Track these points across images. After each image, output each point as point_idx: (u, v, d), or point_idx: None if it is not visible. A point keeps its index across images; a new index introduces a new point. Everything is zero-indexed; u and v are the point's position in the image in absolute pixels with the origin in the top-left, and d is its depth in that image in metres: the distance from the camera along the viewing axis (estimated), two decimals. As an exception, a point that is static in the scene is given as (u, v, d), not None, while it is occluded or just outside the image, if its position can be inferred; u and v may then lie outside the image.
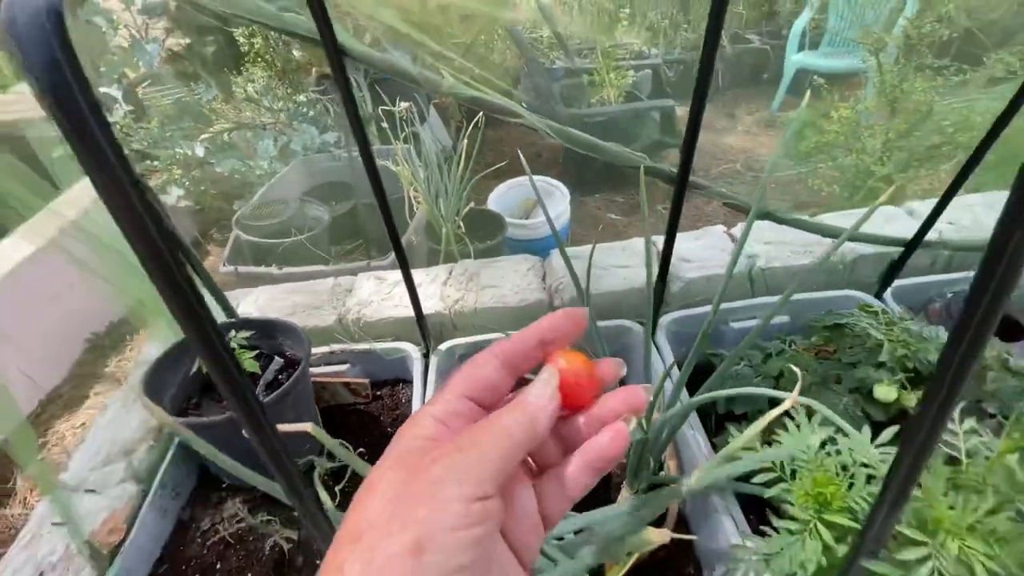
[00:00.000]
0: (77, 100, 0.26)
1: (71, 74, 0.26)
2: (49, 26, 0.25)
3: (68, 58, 0.25)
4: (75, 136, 0.26)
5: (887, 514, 0.46)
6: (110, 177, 0.28)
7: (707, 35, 0.71)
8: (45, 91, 0.25)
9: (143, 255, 0.31)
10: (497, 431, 0.26)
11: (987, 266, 0.33)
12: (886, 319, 0.87)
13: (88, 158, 0.27)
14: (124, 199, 0.29)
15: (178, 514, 1.06)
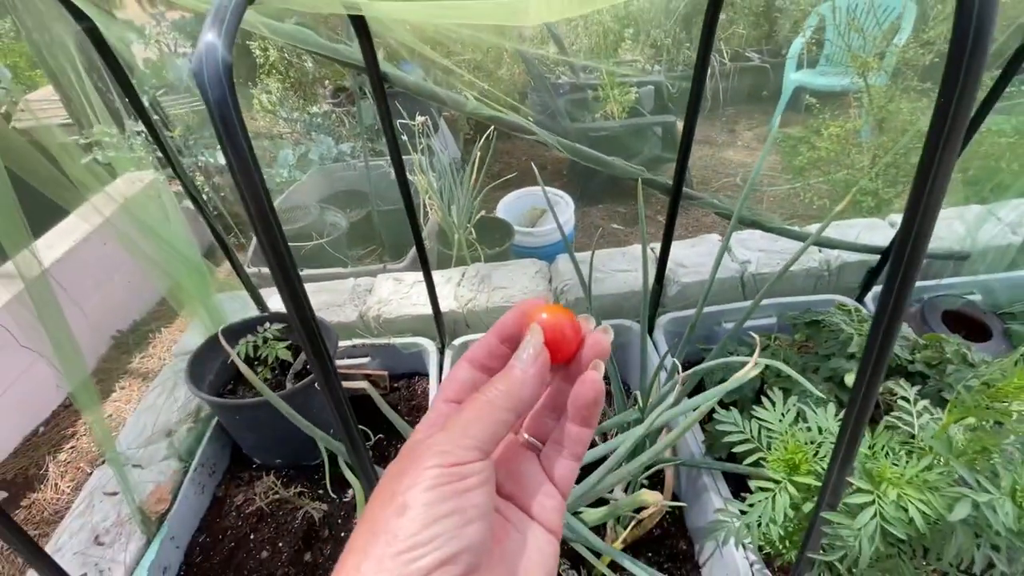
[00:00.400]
0: (235, 120, 0.37)
1: (232, 105, 0.36)
2: (223, 75, 0.36)
3: (232, 97, 0.36)
4: (230, 144, 0.37)
5: (839, 470, 0.55)
6: (249, 175, 0.39)
7: (698, 59, 0.82)
8: (217, 116, 0.36)
9: (261, 230, 0.41)
10: (478, 404, 0.29)
11: (892, 268, 0.43)
12: (858, 316, 0.96)
13: (236, 159, 0.38)
14: (255, 189, 0.39)
15: (214, 491, 1.16)
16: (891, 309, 0.45)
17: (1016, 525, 0.52)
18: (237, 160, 0.37)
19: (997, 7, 0.34)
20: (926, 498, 0.55)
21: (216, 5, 0.38)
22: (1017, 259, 1.37)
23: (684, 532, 1.04)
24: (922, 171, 0.38)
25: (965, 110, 0.36)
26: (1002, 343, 1.15)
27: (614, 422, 0.85)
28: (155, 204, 1.23)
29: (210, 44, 0.36)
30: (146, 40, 2.69)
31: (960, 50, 0.34)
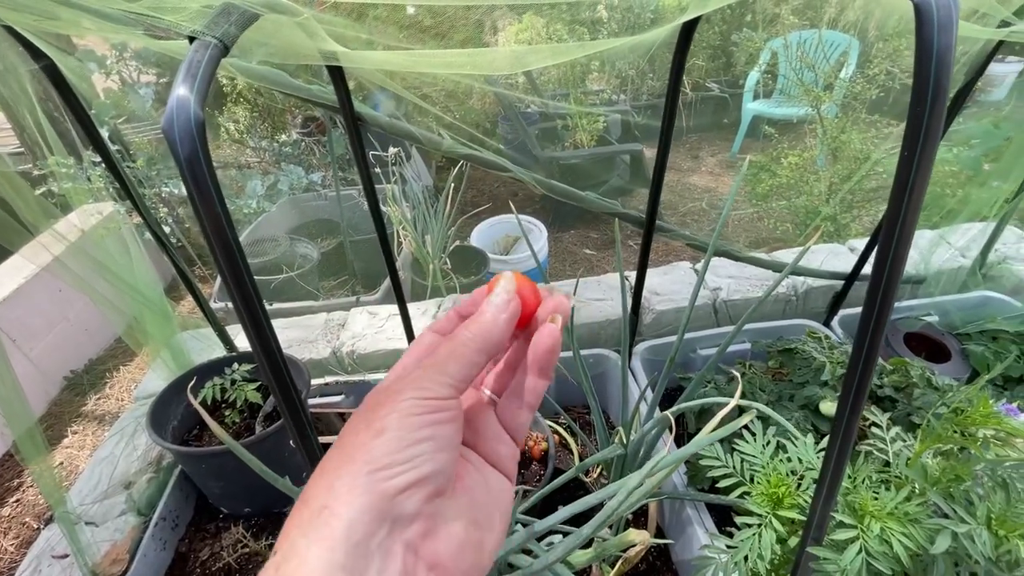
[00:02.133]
0: (206, 177, 0.36)
1: (204, 161, 0.35)
2: (194, 131, 0.34)
3: (203, 153, 0.35)
4: (201, 201, 0.36)
5: (823, 504, 0.56)
6: (218, 225, 0.37)
7: (667, 100, 0.84)
8: (187, 171, 0.35)
9: (228, 276, 0.39)
10: (453, 345, 0.30)
11: (869, 300, 0.44)
12: (828, 343, 0.99)
13: (208, 218, 0.37)
14: (223, 238, 0.38)
15: (176, 546, 1.08)
16: (867, 349, 0.46)
17: (993, 553, 0.54)
18: (209, 218, 0.36)
19: (954, 48, 0.36)
20: (908, 531, 0.55)
21: (188, 58, 0.37)
22: (968, 281, 1.44)
23: (670, 566, 1.03)
24: (893, 205, 0.39)
25: (931, 149, 0.37)
26: (960, 363, 1.20)
27: (597, 458, 0.84)
28: (113, 238, 1.18)
29: (182, 99, 0.35)
30: (107, 70, 2.63)
31: (924, 84, 0.35)
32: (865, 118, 1.94)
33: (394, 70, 0.77)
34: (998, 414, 0.62)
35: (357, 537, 0.23)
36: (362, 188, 0.86)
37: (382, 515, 0.24)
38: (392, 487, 0.25)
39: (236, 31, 0.40)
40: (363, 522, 0.24)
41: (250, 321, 0.41)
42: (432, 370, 0.29)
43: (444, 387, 0.29)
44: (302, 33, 0.58)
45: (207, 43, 0.38)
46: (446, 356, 0.30)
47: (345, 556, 0.23)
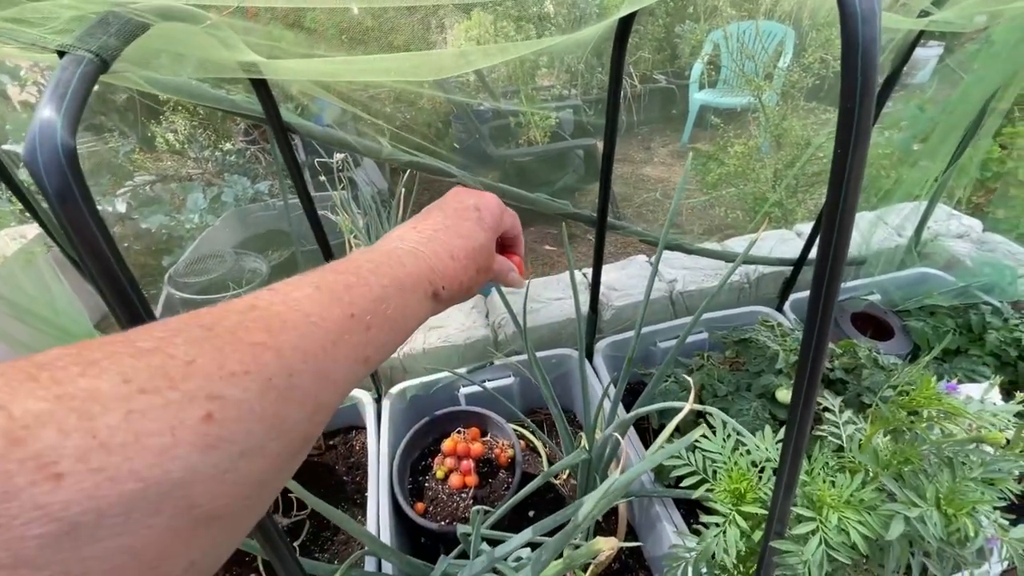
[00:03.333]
0: (85, 215, 0.31)
1: (80, 197, 0.31)
2: (64, 161, 0.30)
3: (80, 187, 0.30)
4: (79, 238, 0.32)
5: (783, 499, 0.56)
6: (106, 268, 0.33)
7: (608, 98, 0.83)
8: (59, 209, 0.30)
9: (125, 322, 0.35)
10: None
11: (816, 284, 0.44)
12: (781, 331, 1.01)
13: (89, 255, 0.32)
14: (116, 285, 0.34)
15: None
16: (815, 343, 0.45)
17: (944, 533, 0.55)
18: (92, 259, 0.31)
19: (879, 40, 0.35)
20: (864, 519, 0.56)
21: (55, 77, 0.32)
22: (905, 259, 1.51)
23: (643, 563, 1.03)
24: (831, 202, 0.39)
25: (863, 145, 0.37)
26: (903, 339, 1.25)
27: (562, 465, 0.82)
28: (29, 271, 1.08)
29: (46, 124, 0.30)
30: (22, 82, 2.43)
31: (852, 77, 0.34)
32: (804, 105, 2.01)
33: (328, 80, 0.72)
34: (940, 394, 0.63)
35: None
36: (300, 203, 0.81)
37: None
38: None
39: (118, 43, 0.35)
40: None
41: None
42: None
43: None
44: (215, 42, 0.53)
45: (80, 58, 0.33)
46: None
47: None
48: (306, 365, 0.25)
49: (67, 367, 0.19)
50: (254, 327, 0.25)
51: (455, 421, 1.17)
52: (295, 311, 0.27)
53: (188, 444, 0.20)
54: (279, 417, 0.23)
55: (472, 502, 1.05)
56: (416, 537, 1.07)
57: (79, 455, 0.17)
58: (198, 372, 0.21)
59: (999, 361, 1.09)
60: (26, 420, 0.17)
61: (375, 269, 0.33)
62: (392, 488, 1.03)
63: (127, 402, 0.19)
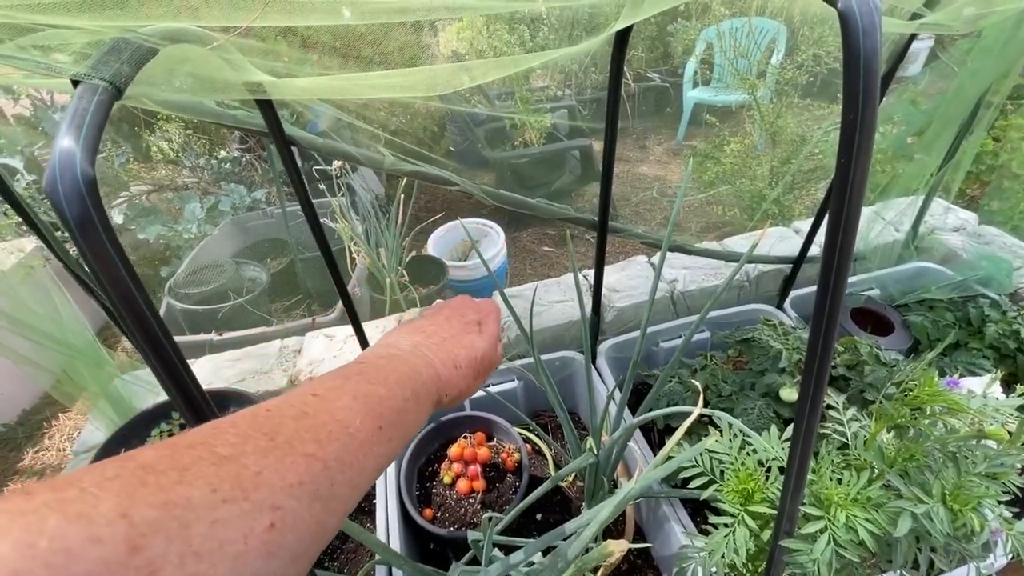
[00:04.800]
0: (105, 244, 0.32)
1: (101, 226, 0.31)
2: (84, 190, 0.30)
3: (100, 216, 0.31)
4: (99, 266, 0.32)
5: (791, 498, 0.57)
6: (125, 291, 0.33)
7: (609, 102, 0.84)
8: (80, 238, 0.31)
9: (146, 346, 0.36)
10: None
11: (823, 280, 0.45)
12: (783, 329, 1.02)
13: (109, 276, 0.33)
14: (135, 309, 0.34)
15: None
16: (821, 350, 0.46)
17: (951, 528, 0.56)
18: (114, 286, 0.32)
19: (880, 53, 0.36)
20: (872, 516, 0.57)
21: (72, 106, 0.33)
22: (903, 253, 1.52)
23: (651, 563, 1.04)
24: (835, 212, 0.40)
25: (866, 155, 0.37)
26: (903, 334, 1.26)
27: (570, 469, 0.83)
28: (29, 285, 1.08)
29: (66, 154, 0.30)
30: (15, 95, 2.42)
31: (854, 89, 0.35)
32: (798, 102, 2.02)
33: (329, 97, 0.73)
34: (942, 391, 0.64)
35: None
36: (302, 210, 0.81)
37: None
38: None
39: (130, 70, 0.36)
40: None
41: (178, 392, 0.38)
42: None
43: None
44: (221, 62, 0.53)
45: (95, 87, 0.33)
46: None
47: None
48: (343, 476, 0.28)
49: (166, 472, 0.21)
50: (307, 437, 0.27)
51: (461, 426, 1.17)
52: (337, 422, 0.29)
53: (255, 552, 0.22)
54: (321, 524, 0.26)
55: (480, 507, 1.06)
56: (425, 543, 1.07)
57: (178, 561, 0.19)
58: (265, 483, 0.24)
59: (998, 354, 1.10)
60: (143, 528, 0.19)
61: (400, 380, 0.36)
62: (400, 494, 1.03)
63: (213, 511, 0.21)
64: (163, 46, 0.40)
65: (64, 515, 0.18)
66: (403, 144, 1.06)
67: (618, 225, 1.02)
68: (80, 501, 0.18)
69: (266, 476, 0.24)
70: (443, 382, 0.41)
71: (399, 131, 3.03)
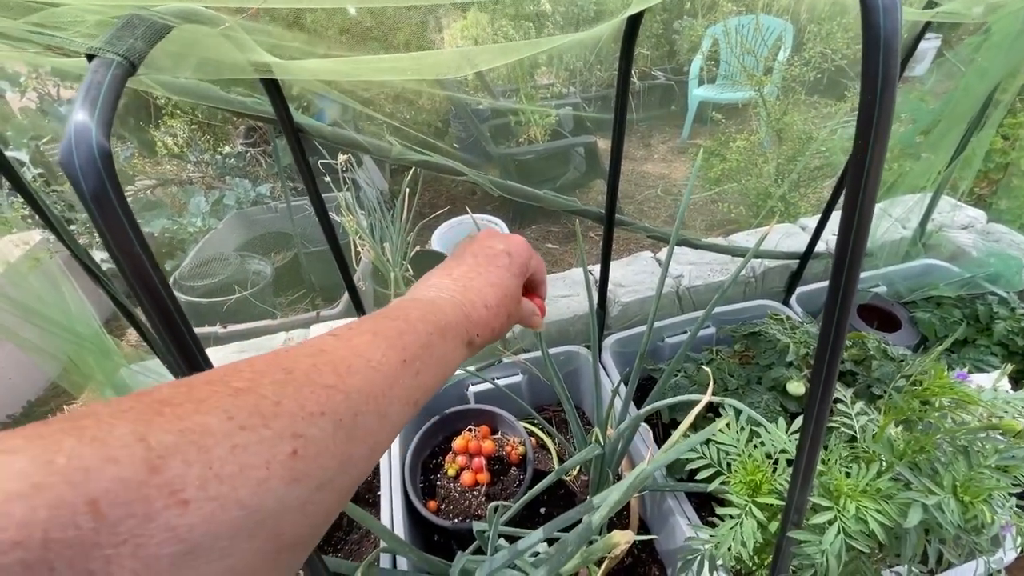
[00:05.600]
0: (120, 217, 0.32)
1: (116, 199, 0.31)
2: (100, 163, 0.30)
3: (115, 189, 0.31)
4: (115, 243, 0.32)
5: (800, 489, 0.56)
6: (138, 266, 0.33)
7: (617, 98, 0.84)
8: (96, 211, 0.31)
9: (158, 320, 0.35)
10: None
11: (835, 275, 0.44)
12: (790, 324, 1.02)
13: (127, 259, 0.33)
14: (149, 285, 0.34)
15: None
16: (833, 337, 0.46)
17: (961, 520, 0.55)
18: (127, 259, 0.32)
19: (900, 32, 0.36)
20: (881, 507, 0.57)
21: (87, 80, 0.33)
22: (910, 251, 1.52)
23: (655, 556, 1.03)
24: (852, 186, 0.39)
25: (884, 137, 0.37)
26: (910, 330, 1.26)
27: (576, 461, 0.83)
28: (38, 274, 1.08)
29: (81, 127, 0.30)
30: (22, 88, 2.43)
31: (872, 69, 0.34)
32: (805, 99, 2.01)
33: (335, 79, 0.72)
34: (953, 384, 0.64)
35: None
36: (311, 202, 0.81)
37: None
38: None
39: (144, 46, 0.36)
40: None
41: (188, 369, 0.38)
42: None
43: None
44: (229, 44, 0.53)
45: (109, 61, 0.33)
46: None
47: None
48: (368, 407, 0.28)
49: (183, 404, 0.21)
50: (326, 370, 0.27)
51: (465, 419, 1.17)
52: (358, 356, 0.29)
53: (279, 477, 0.22)
54: (347, 454, 0.26)
55: (484, 499, 1.06)
56: (429, 535, 1.07)
57: (200, 483, 0.19)
58: (284, 412, 0.23)
59: (1006, 351, 1.09)
60: (160, 451, 0.19)
61: (422, 317, 0.35)
62: (404, 487, 1.03)
63: (231, 437, 0.21)
64: (177, 24, 0.40)
65: (79, 438, 0.18)
66: (407, 135, 1.06)
67: (625, 219, 1.02)
68: (95, 427, 0.18)
69: (285, 405, 0.24)
70: (472, 322, 0.40)
71: (404, 125, 3.04)
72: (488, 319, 0.41)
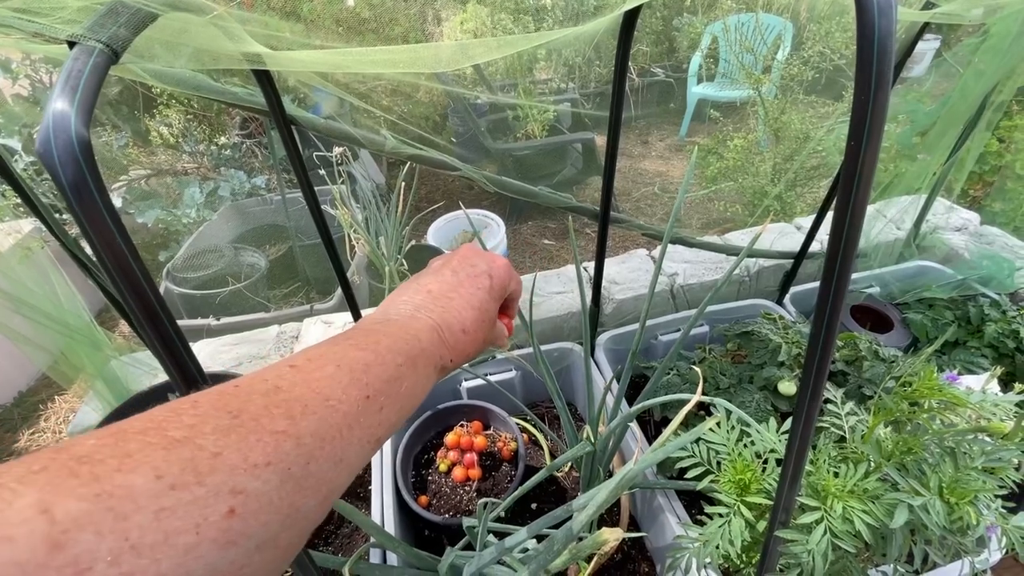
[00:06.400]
0: (100, 208, 0.31)
1: (95, 189, 0.31)
2: (79, 153, 0.30)
3: (95, 179, 0.30)
4: (95, 234, 0.31)
5: (788, 489, 0.56)
6: (125, 267, 0.33)
7: (613, 94, 0.83)
8: (75, 202, 0.30)
9: (142, 318, 0.35)
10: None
11: (827, 272, 0.44)
12: (783, 323, 1.02)
13: (108, 251, 0.32)
14: (130, 278, 0.33)
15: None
16: (824, 336, 0.46)
17: (947, 521, 0.56)
18: (109, 253, 0.31)
19: (895, 34, 0.35)
20: (868, 508, 0.57)
21: (67, 66, 0.32)
22: (904, 252, 1.52)
23: (645, 553, 1.04)
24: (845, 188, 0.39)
25: (877, 139, 0.37)
26: (902, 331, 1.26)
27: (567, 457, 0.83)
28: (27, 265, 1.07)
29: (60, 116, 0.30)
30: (13, 75, 2.40)
31: (867, 70, 0.34)
32: (803, 99, 2.01)
33: (328, 71, 0.72)
34: (942, 385, 0.64)
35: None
36: (303, 195, 0.81)
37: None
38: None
39: (128, 34, 0.35)
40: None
41: (173, 364, 0.37)
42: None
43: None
44: (219, 34, 0.52)
45: (91, 49, 0.33)
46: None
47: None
48: (323, 451, 0.25)
49: (105, 460, 0.19)
50: (277, 413, 0.25)
51: (457, 415, 1.17)
52: (315, 394, 0.27)
53: (210, 542, 0.20)
54: (294, 507, 0.24)
55: (475, 495, 1.06)
56: (420, 530, 1.07)
57: (112, 558, 0.17)
58: (224, 465, 0.21)
59: (997, 353, 1.10)
60: (66, 524, 0.17)
61: (393, 345, 0.33)
62: (395, 482, 1.03)
63: (158, 499, 0.19)
64: (163, 12, 0.40)
65: None
66: (405, 130, 1.05)
67: (620, 215, 1.02)
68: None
69: (226, 457, 0.21)
70: (448, 347, 0.38)
71: (400, 120, 3.02)
72: (464, 345, 0.40)
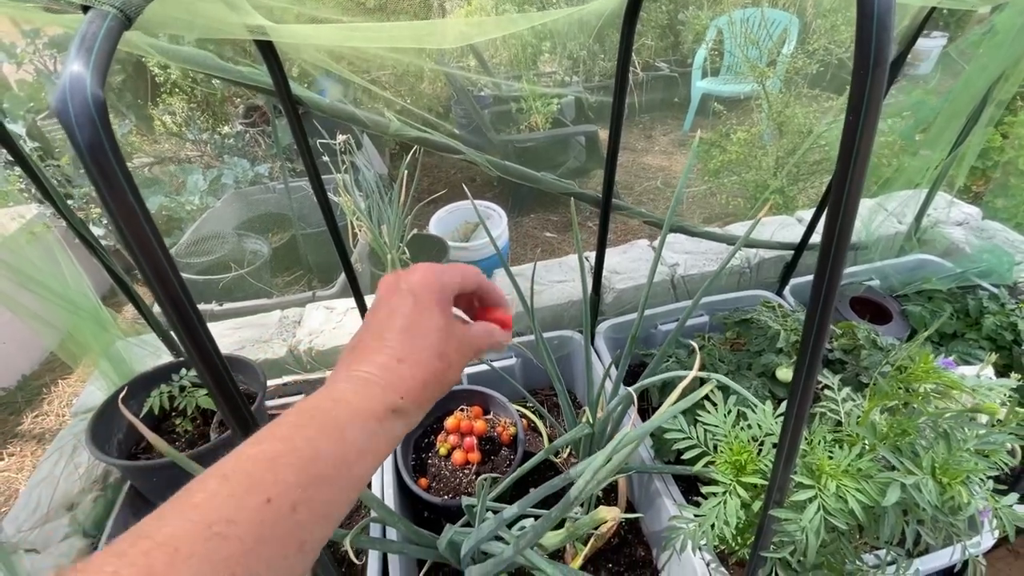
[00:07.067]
0: (115, 167, 0.32)
1: (110, 149, 0.31)
2: (94, 112, 0.31)
3: (107, 138, 0.31)
4: (109, 193, 0.32)
5: (783, 468, 0.57)
6: (136, 226, 0.34)
7: (616, 83, 0.83)
8: (90, 162, 0.31)
9: (152, 276, 0.36)
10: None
11: (820, 265, 0.45)
12: (782, 312, 1.02)
13: (120, 210, 0.33)
14: (142, 237, 0.34)
15: (130, 565, 1.02)
16: (818, 322, 0.46)
17: (939, 501, 0.57)
18: (122, 213, 0.32)
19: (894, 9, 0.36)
20: (861, 486, 0.58)
21: (82, 29, 0.33)
22: (904, 245, 1.52)
23: (641, 537, 1.05)
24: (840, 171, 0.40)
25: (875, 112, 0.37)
26: (901, 323, 1.27)
27: (566, 439, 0.84)
28: (36, 245, 1.08)
29: (76, 76, 0.31)
30: (18, 59, 2.40)
31: (866, 46, 0.35)
32: (807, 93, 2.01)
33: (329, 45, 0.72)
34: (938, 369, 0.65)
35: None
36: (308, 179, 0.81)
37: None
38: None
39: (140, 0, 0.36)
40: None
41: (181, 325, 0.38)
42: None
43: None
44: (224, 6, 0.53)
45: (104, 13, 0.33)
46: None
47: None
48: None
49: None
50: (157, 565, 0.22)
51: (457, 399, 1.18)
52: (195, 524, 0.23)
53: None
54: None
55: (475, 478, 1.07)
56: (419, 511, 1.09)
57: None
58: None
59: (994, 345, 1.11)
60: None
61: (298, 422, 0.29)
62: (396, 464, 1.04)
63: None
64: (173, -18, 0.40)
65: None
66: (411, 112, 1.06)
67: (622, 203, 1.02)
68: None
69: None
70: (385, 386, 0.34)
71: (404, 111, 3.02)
72: (410, 373, 0.35)
